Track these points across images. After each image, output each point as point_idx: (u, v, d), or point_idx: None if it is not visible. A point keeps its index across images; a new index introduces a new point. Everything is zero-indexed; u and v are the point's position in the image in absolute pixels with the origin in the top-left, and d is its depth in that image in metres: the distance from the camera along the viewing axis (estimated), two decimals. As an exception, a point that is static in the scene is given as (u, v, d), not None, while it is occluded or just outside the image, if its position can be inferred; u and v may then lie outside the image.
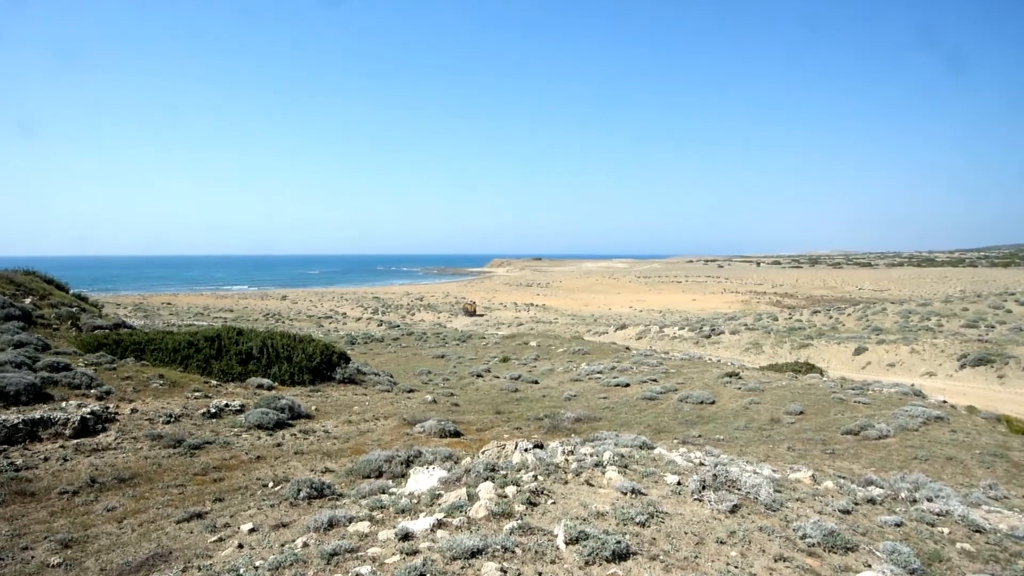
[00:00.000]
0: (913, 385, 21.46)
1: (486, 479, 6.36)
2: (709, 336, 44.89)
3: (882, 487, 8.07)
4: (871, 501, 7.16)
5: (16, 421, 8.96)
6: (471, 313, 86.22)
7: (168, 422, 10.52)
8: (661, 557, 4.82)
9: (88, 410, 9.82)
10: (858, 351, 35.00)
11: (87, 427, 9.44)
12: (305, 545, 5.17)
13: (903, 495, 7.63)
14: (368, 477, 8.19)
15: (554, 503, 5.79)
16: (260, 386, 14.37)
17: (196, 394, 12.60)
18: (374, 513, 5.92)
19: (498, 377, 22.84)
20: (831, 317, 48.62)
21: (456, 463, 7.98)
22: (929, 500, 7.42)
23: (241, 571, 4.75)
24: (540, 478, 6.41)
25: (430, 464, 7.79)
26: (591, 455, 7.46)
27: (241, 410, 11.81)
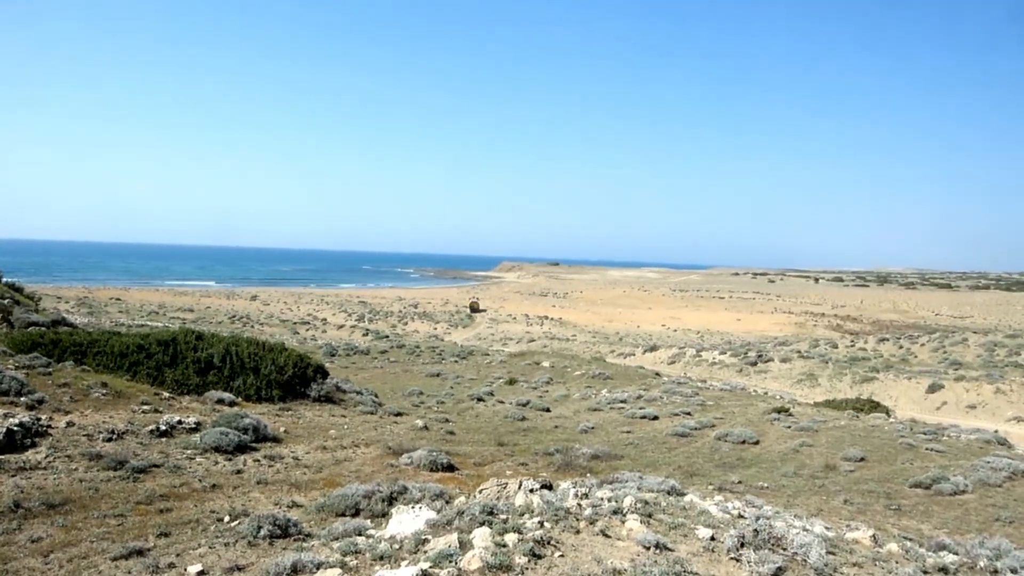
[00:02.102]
0: (997, 432, 21.23)
1: (482, 524, 6.31)
2: (755, 363, 44.69)
3: (957, 553, 7.95)
4: (943, 570, 7.05)
5: (-68, 431, 8.99)
6: (476, 310, 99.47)
7: (109, 439, 10.53)
8: (688, 627, 4.76)
9: (16, 421, 9.85)
10: (932, 388, 34.70)
11: (13, 441, 9.46)
12: (263, 593, 5.14)
13: (982, 564, 7.51)
14: (342, 515, 8.16)
15: (562, 556, 5.73)
16: (220, 401, 14.39)
17: (144, 407, 12.62)
18: (347, 559, 5.87)
19: (502, 402, 22.79)
20: (901, 347, 48.28)
21: (448, 503, 7.94)
22: (1013, 571, 7.30)
23: (186, 621, 4.73)
24: (547, 525, 6.35)
25: (417, 503, 7.75)
26: (609, 500, 7.40)
27: (196, 428, 11.82)
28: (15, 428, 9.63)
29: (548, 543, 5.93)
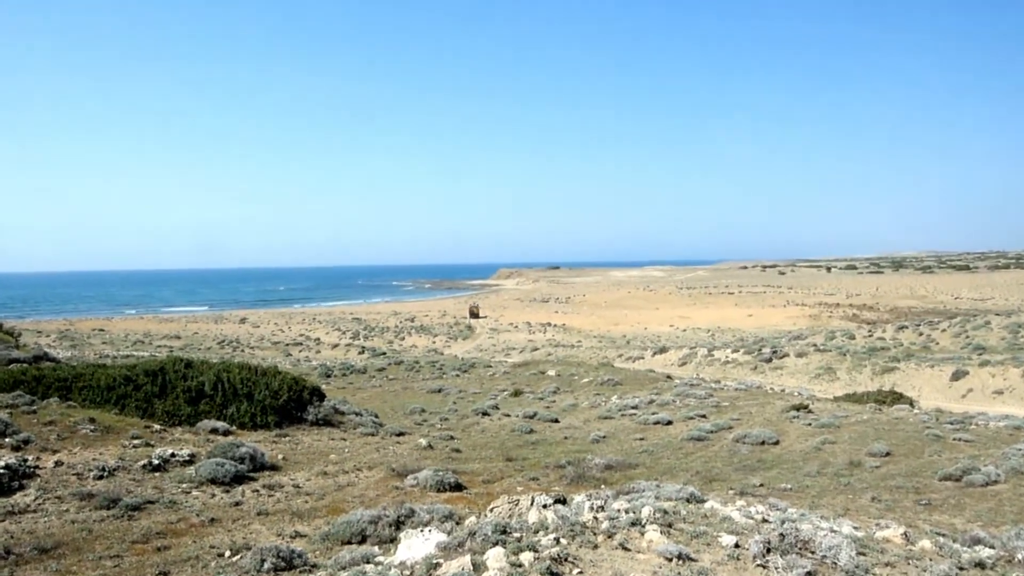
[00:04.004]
0: (1027, 417, 21.25)
1: (495, 544, 6.30)
2: (770, 360, 44.69)
3: (992, 547, 7.94)
4: (979, 565, 7.05)
5: (-86, 479, 8.98)
6: (476, 315, 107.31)
7: (100, 477, 10.51)
8: (717, 640, 4.75)
9: (2, 463, 9.84)
10: (956, 375, 34.70)
11: (0, 485, 9.45)
12: (271, 630, 5.13)
13: (1020, 556, 7.50)
14: (348, 543, 8.14)
15: (581, 573, 5.73)
16: (214, 430, 14.37)
17: (135, 441, 12.61)
18: (356, 588, 5.86)
19: (508, 415, 22.77)
20: (921, 334, 48.31)
21: (458, 524, 7.92)
22: (1053, 562, 7.29)
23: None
24: (563, 541, 6.35)
25: (425, 526, 7.74)
26: (626, 511, 7.39)
27: (191, 461, 11.80)
28: (2, 471, 9.62)
29: (565, 560, 5.92)
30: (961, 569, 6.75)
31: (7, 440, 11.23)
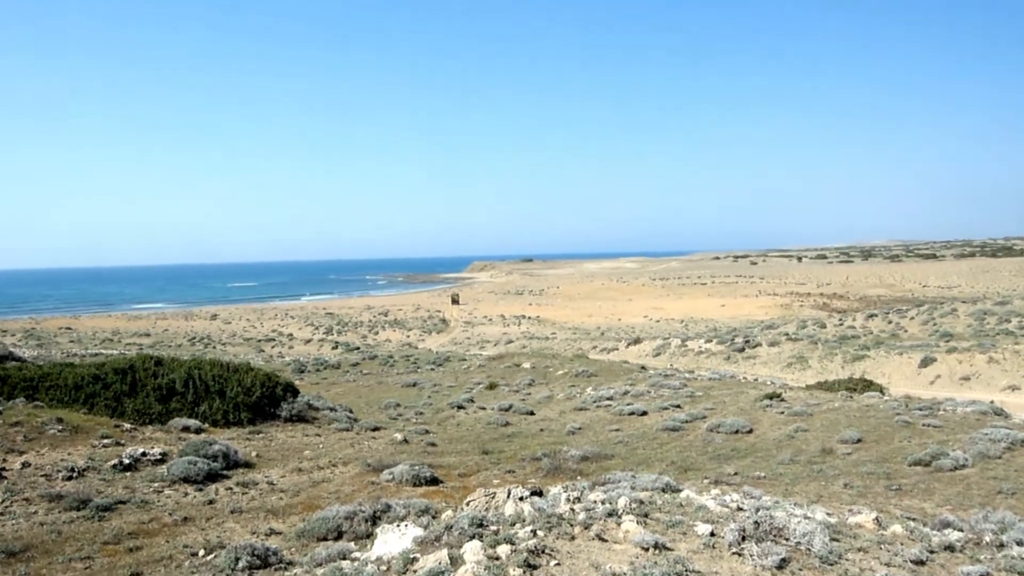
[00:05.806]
0: (993, 402, 21.64)
1: (472, 537, 6.30)
2: (742, 350, 45.13)
3: (961, 530, 8.09)
4: (949, 548, 7.17)
5: None
6: (456, 302, 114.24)
7: (70, 478, 10.35)
8: (694, 628, 4.79)
9: (-32, 466, 9.65)
10: (925, 362, 35.28)
11: (-33, 488, 9.27)
12: (246, 629, 5.08)
13: (987, 539, 7.64)
14: (324, 539, 8.10)
15: (558, 564, 5.74)
16: (186, 428, 14.21)
17: (105, 441, 12.43)
18: (333, 585, 5.83)
19: (484, 408, 22.76)
20: (890, 322, 49.04)
21: (434, 518, 7.91)
22: (1020, 544, 7.43)
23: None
24: (540, 533, 6.36)
25: (402, 520, 7.72)
26: (602, 502, 7.42)
27: (162, 459, 11.66)
28: (-34, 473, 9.43)
29: (543, 552, 5.93)
30: (931, 552, 6.86)
31: (-28, 442, 11.02)
